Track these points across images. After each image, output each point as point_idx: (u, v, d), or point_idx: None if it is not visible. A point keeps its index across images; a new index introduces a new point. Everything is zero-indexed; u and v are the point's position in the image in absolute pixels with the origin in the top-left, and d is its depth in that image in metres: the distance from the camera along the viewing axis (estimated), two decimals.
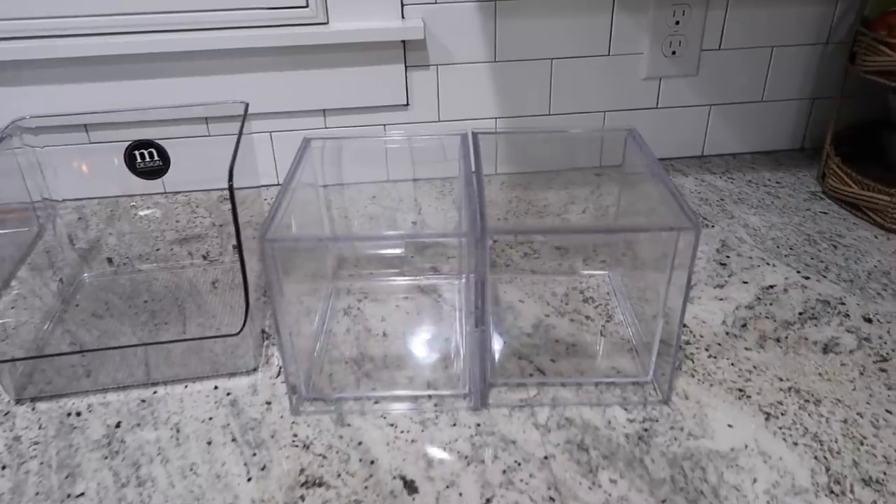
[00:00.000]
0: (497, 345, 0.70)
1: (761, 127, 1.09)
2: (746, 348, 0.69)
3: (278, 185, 1.07)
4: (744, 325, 0.72)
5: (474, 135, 0.71)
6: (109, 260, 0.86)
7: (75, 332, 0.74)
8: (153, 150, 0.77)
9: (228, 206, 1.02)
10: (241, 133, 0.74)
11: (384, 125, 1.03)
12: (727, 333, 0.71)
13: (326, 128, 1.02)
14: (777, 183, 1.02)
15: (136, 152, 0.77)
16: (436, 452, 0.57)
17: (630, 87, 1.04)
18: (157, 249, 0.90)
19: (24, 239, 0.88)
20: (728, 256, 0.84)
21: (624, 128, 0.74)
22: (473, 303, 0.59)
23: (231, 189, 0.60)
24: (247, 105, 0.77)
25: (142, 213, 0.98)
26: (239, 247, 0.61)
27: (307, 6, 0.93)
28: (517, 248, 0.88)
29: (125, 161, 0.78)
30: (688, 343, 0.70)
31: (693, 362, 0.67)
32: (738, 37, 1.01)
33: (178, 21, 0.92)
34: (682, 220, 0.55)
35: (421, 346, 0.70)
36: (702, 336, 0.71)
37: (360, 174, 1.06)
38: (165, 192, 1.04)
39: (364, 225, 0.97)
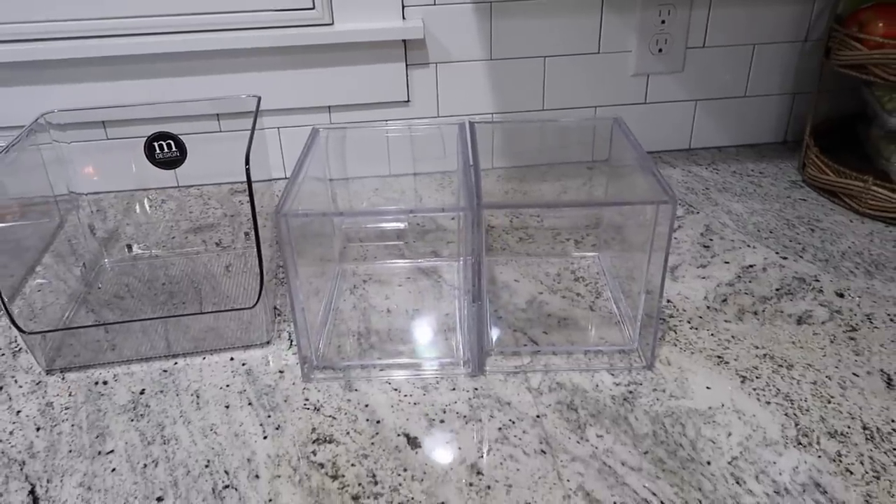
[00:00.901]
0: (493, 319, 0.75)
1: (745, 121, 1.15)
2: (726, 321, 0.74)
3: (286, 178, 1.12)
4: (724, 301, 0.77)
5: (471, 125, 0.77)
6: (129, 246, 0.91)
7: (99, 311, 0.79)
8: (171, 142, 0.82)
9: (239, 198, 1.08)
10: (254, 123, 0.79)
11: (386, 121, 1.09)
12: (708, 308, 0.76)
13: (332, 123, 1.08)
14: (760, 173, 1.07)
15: (156, 143, 0.82)
16: (436, 413, 0.62)
17: (619, 83, 1.09)
18: (173, 238, 0.95)
19: (46, 229, 0.94)
20: (711, 240, 0.90)
21: (610, 117, 0.79)
22: (471, 280, 0.64)
23: (248, 172, 0.65)
24: (259, 99, 0.83)
25: (157, 204, 1.03)
26: (254, 221, 0.66)
27: (314, 8, 0.99)
28: (512, 233, 0.93)
29: (145, 152, 0.83)
30: (671, 317, 0.75)
31: (676, 333, 0.72)
32: (721, 35, 1.07)
33: (192, 23, 0.98)
34: (660, 195, 0.60)
35: (422, 320, 0.75)
36: (685, 310, 0.76)
37: (363, 169, 1.11)
38: (179, 186, 1.09)
39: (368, 218, 1.02)
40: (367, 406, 0.64)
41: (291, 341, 0.73)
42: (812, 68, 1.11)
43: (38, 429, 0.63)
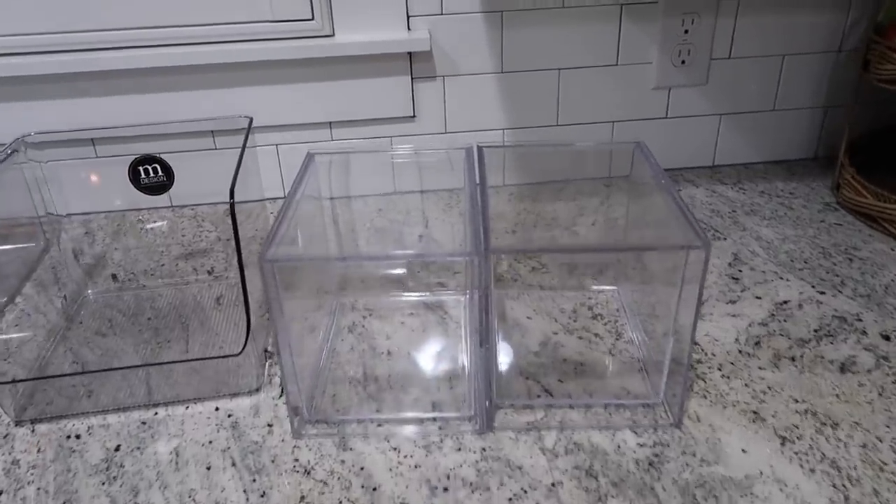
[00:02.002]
0: (503, 364, 0.69)
1: (773, 136, 1.07)
2: (760, 367, 0.67)
3: (284, 198, 1.06)
4: (757, 343, 0.70)
5: (479, 149, 0.70)
6: (114, 276, 0.85)
7: (78, 350, 0.74)
8: (157, 166, 0.77)
9: (237, 218, 1.02)
10: (244, 148, 0.73)
11: (390, 137, 1.02)
12: (740, 352, 0.69)
13: (332, 140, 1.02)
14: (790, 193, 1.00)
15: (141, 168, 0.76)
16: (440, 479, 0.56)
17: (639, 96, 1.02)
18: (163, 265, 0.89)
19: (30, 254, 0.88)
20: (740, 270, 0.83)
21: (631, 140, 0.72)
22: (478, 320, 0.57)
23: (232, 207, 0.59)
24: (251, 120, 0.77)
25: (148, 227, 0.98)
26: (241, 267, 0.60)
27: (313, 19, 0.93)
28: (525, 262, 0.87)
29: (129, 177, 0.77)
30: (699, 362, 0.68)
31: (705, 382, 0.65)
32: (748, 45, 1.00)
33: (183, 35, 0.92)
34: (692, 237, 0.53)
35: (426, 365, 0.69)
36: (714, 355, 0.69)
37: (366, 186, 1.05)
38: (172, 206, 1.03)
39: (370, 239, 0.96)
40: (362, 469, 0.57)
41: (283, 389, 0.67)
42: (846, 80, 1.03)
43: (0, 492, 0.57)
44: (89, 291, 0.84)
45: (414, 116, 1.01)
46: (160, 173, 0.77)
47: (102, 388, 0.66)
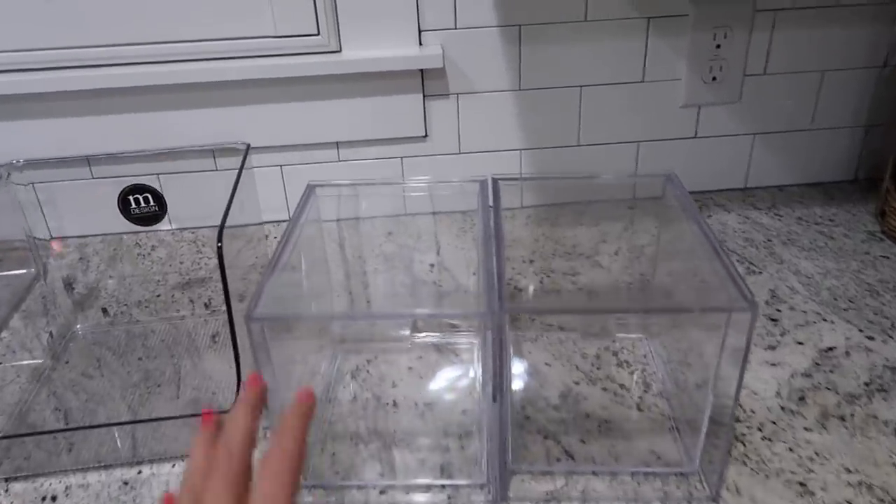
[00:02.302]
0: (519, 418, 0.62)
1: (810, 156, 1.00)
2: (806, 428, 0.60)
3: (288, 220, 1.01)
4: (801, 399, 0.64)
5: (495, 182, 0.64)
6: (104, 310, 0.80)
7: (62, 395, 0.69)
8: (148, 195, 0.71)
9: (237, 245, 0.96)
10: (238, 179, 0.68)
11: (401, 158, 0.97)
12: (783, 409, 0.63)
13: (340, 161, 0.96)
14: (830, 220, 0.93)
15: (131, 197, 0.71)
16: None
17: (666, 115, 0.96)
18: (158, 295, 0.84)
19: (21, 282, 0.84)
20: (779, 310, 0.76)
21: (661, 173, 0.66)
22: (491, 371, 0.51)
23: (220, 255, 0.54)
24: (247, 146, 0.71)
25: (146, 252, 0.93)
26: (231, 321, 0.55)
27: (318, 34, 0.87)
28: (543, 297, 0.81)
29: (118, 206, 0.72)
30: (738, 421, 0.62)
31: (745, 446, 0.59)
32: (785, 60, 0.93)
33: (181, 51, 0.87)
34: (735, 297, 0.47)
35: (435, 419, 0.63)
36: (753, 412, 0.62)
37: (375, 207, 0.99)
38: (172, 229, 0.98)
39: (378, 267, 0.90)
40: None
41: None
42: (890, 97, 0.96)
43: None
44: (78, 326, 0.79)
45: (426, 136, 0.95)
46: (151, 203, 0.71)
47: (84, 442, 0.60)
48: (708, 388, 0.55)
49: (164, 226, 0.99)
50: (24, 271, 0.85)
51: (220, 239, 0.54)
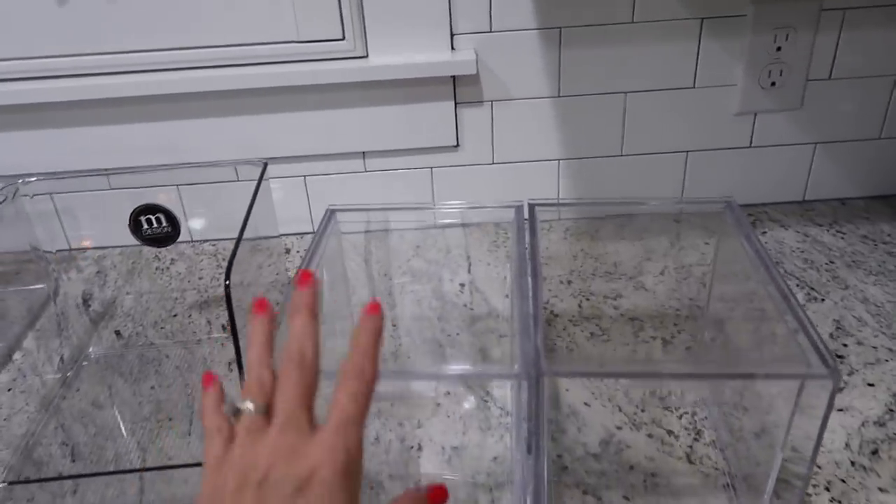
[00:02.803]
0: (556, 469, 0.57)
1: (877, 167, 0.92)
2: (881, 489, 0.53)
3: (313, 232, 0.96)
4: (875, 452, 0.57)
5: (531, 208, 0.58)
6: (118, 333, 0.77)
7: (70, 427, 0.65)
8: (161, 216, 0.67)
9: (258, 260, 0.92)
10: (254, 198, 0.64)
11: (430, 168, 0.91)
12: (853, 464, 0.56)
13: (366, 171, 0.91)
14: None
15: (143, 218, 0.67)
16: None
17: (719, 123, 0.88)
18: (175, 315, 0.80)
19: (37, 297, 0.81)
20: (846, 345, 0.69)
21: (720, 198, 0.59)
22: (526, 418, 0.46)
23: (227, 291, 0.49)
24: (265, 164, 0.67)
25: (165, 266, 0.89)
26: (240, 368, 0.50)
27: (344, 39, 0.82)
28: (582, 324, 0.75)
29: (130, 227, 0.68)
30: (795, 476, 0.55)
31: None
32: (853, 64, 0.84)
33: (200, 58, 0.82)
34: (812, 361, 0.41)
35: (463, 467, 0.58)
36: (819, 468, 0.56)
37: (403, 218, 0.94)
38: (192, 241, 0.94)
39: (405, 286, 0.85)
40: None
41: None
42: None
43: None
44: (91, 349, 0.75)
45: (458, 146, 0.89)
46: (164, 223, 0.67)
47: (90, 484, 0.57)
48: (768, 439, 0.49)
49: (184, 237, 0.95)
50: (41, 286, 0.82)
51: (227, 276, 0.49)
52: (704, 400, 0.63)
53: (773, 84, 0.85)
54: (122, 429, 0.64)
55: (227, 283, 0.48)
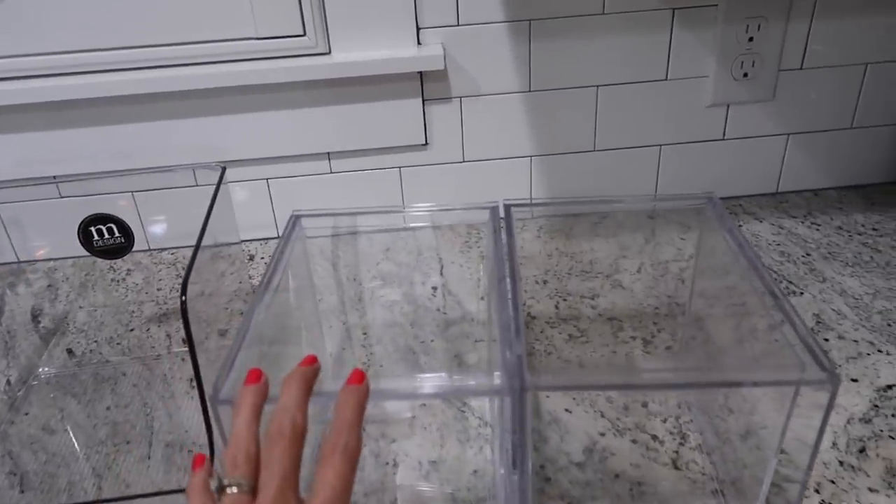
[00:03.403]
0: (538, 481, 0.54)
1: (849, 158, 0.91)
2: (871, 489, 0.52)
3: (277, 237, 0.92)
4: (862, 450, 0.55)
5: (507, 209, 0.55)
6: (70, 351, 0.72)
7: (18, 455, 0.61)
8: (112, 226, 0.63)
9: (220, 266, 0.88)
10: (211, 206, 0.60)
11: (399, 168, 0.88)
12: (841, 463, 0.54)
13: (332, 172, 0.87)
14: (873, 230, 0.84)
15: (93, 228, 0.63)
16: None
17: (691, 115, 0.87)
18: (132, 330, 0.76)
19: None
20: (827, 339, 0.67)
21: (702, 194, 0.57)
22: (510, 432, 0.43)
23: (184, 306, 0.45)
24: (223, 169, 0.63)
25: (121, 276, 0.85)
26: (203, 400, 0.46)
27: (304, 34, 0.78)
28: (559, 326, 0.72)
29: (80, 239, 0.64)
30: (787, 480, 0.53)
31: None
32: (825, 53, 0.83)
33: (151, 57, 0.78)
34: (809, 366, 0.39)
35: (441, 482, 0.55)
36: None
37: (372, 219, 0.91)
38: (150, 249, 0.90)
39: (375, 292, 0.82)
40: None
41: None
42: None
43: None
44: (42, 369, 0.71)
45: (426, 144, 0.86)
46: (116, 234, 0.63)
47: None
48: (755, 440, 0.47)
49: (141, 246, 0.91)
50: None
51: (184, 291, 0.45)
52: (688, 403, 0.61)
53: (745, 75, 0.84)
54: (76, 455, 0.60)
55: (184, 298, 0.45)
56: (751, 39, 0.81)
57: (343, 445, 0.35)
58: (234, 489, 0.33)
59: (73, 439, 0.62)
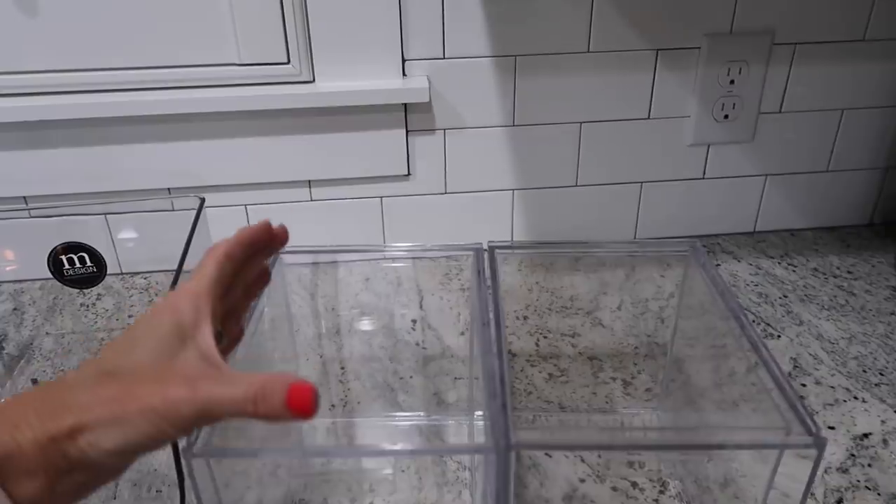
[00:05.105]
0: None
1: (825, 199, 0.93)
2: None
3: None
4: (839, 502, 0.55)
5: (492, 250, 0.55)
6: (35, 381, 0.70)
7: None
8: (84, 255, 0.61)
9: None
10: (189, 239, 0.58)
11: (380, 197, 0.87)
12: None
13: (312, 200, 0.86)
14: (849, 272, 0.85)
15: (64, 257, 0.61)
16: None
17: (672, 154, 0.87)
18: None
19: None
20: (804, 385, 0.68)
21: (685, 243, 0.57)
22: (493, 486, 0.42)
23: None
24: (202, 200, 0.62)
25: (90, 302, 0.82)
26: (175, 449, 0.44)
27: (289, 62, 0.77)
28: (539, 364, 0.72)
29: (49, 267, 0.61)
30: None
31: None
32: (803, 98, 0.85)
33: (132, 79, 0.76)
34: (793, 426, 0.38)
35: None
36: None
37: (353, 257, 0.90)
38: (122, 273, 0.88)
39: (354, 322, 0.80)
40: None
41: None
42: None
43: None
44: (3, 400, 0.68)
45: (409, 175, 0.85)
46: (88, 263, 0.61)
47: None
48: (734, 489, 0.46)
49: (113, 269, 0.88)
50: None
51: None
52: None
53: (725, 117, 0.85)
54: None
55: None
56: (732, 82, 0.83)
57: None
58: None
59: None
